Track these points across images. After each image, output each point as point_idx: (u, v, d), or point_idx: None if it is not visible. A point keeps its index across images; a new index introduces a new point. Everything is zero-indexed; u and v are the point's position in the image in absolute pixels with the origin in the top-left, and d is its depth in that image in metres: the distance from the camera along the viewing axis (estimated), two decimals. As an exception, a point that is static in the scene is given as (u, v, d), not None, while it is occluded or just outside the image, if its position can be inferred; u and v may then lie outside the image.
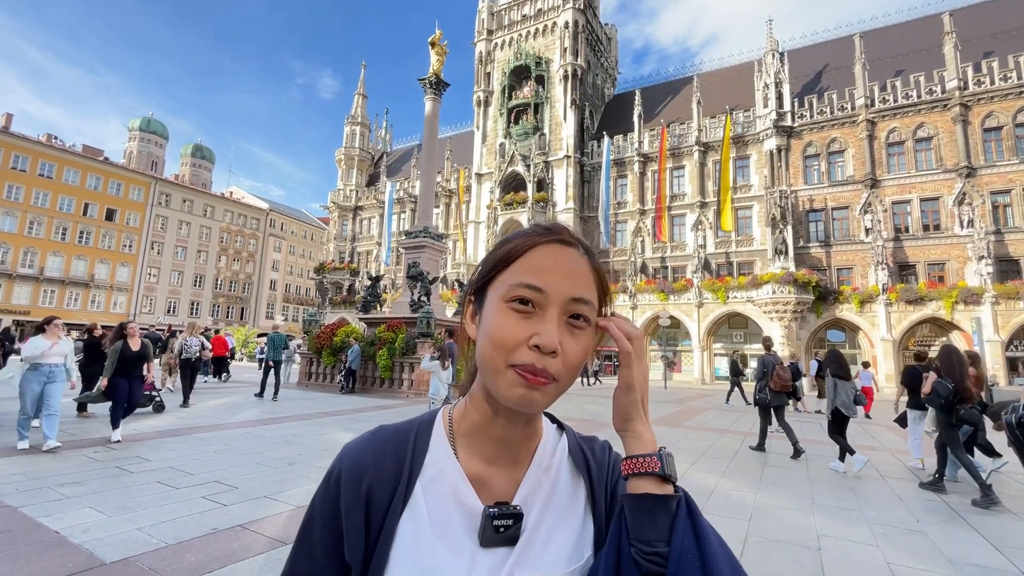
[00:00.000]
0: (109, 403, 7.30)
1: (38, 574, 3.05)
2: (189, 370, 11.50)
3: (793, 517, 4.92)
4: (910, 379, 7.99)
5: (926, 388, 6.56)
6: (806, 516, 4.97)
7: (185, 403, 10.94)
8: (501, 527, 0.61)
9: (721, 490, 5.84)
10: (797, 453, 8.05)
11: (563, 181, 37.28)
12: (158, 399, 10.04)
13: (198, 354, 11.81)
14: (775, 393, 8.57)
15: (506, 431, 0.65)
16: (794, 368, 9.83)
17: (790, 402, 9.33)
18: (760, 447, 8.55)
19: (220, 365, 18.49)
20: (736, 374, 17.72)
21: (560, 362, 0.59)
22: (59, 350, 6.65)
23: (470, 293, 0.69)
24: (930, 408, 6.80)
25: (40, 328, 6.79)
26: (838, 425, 7.48)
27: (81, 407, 8.99)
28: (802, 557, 3.89)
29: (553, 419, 0.76)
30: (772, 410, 8.68)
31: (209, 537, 3.75)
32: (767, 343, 9.85)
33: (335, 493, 0.64)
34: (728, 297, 30.16)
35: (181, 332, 13.44)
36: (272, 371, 13.41)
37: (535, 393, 0.59)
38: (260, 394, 13.35)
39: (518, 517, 0.62)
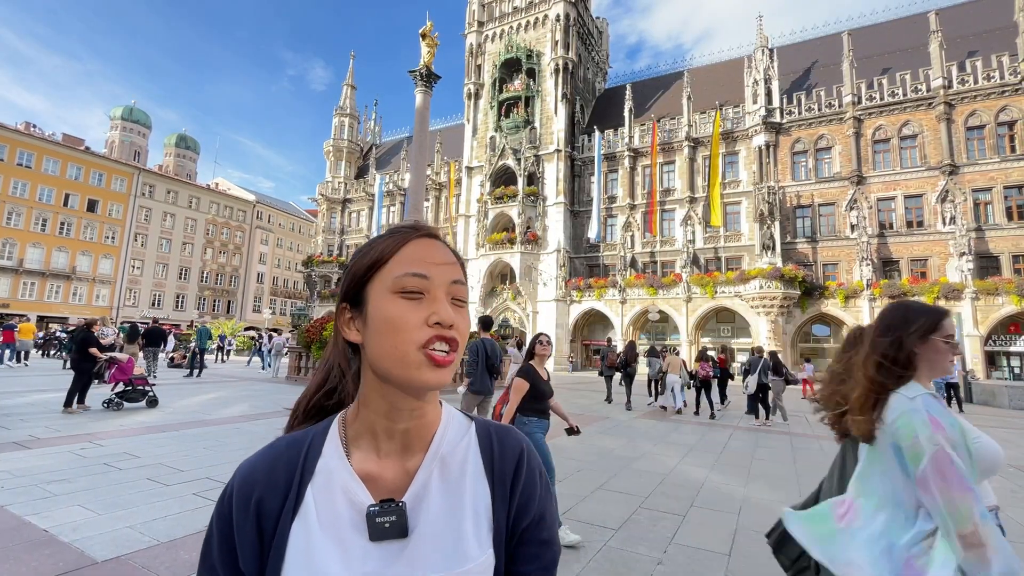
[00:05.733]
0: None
1: (28, 573, 3.01)
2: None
3: (781, 510, 5.00)
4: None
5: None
6: (793, 509, 5.06)
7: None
8: (386, 523, 0.63)
9: (711, 483, 5.93)
10: (609, 397, 14.56)
11: (553, 175, 37.24)
12: (151, 394, 9.92)
13: (112, 340, 14.06)
14: (608, 367, 15.00)
15: (401, 423, 0.68)
16: (626, 351, 15.17)
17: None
18: (610, 400, 14.37)
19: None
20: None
21: (456, 334, 0.66)
22: None
23: (343, 300, 0.71)
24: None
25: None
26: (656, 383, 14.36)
27: (67, 402, 8.84)
28: (790, 549, 3.97)
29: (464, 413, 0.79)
30: (610, 378, 14.97)
31: (202, 534, 3.72)
32: (608, 340, 17.98)
33: (228, 510, 0.66)
34: (716, 292, 30.47)
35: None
36: (199, 355, 17.61)
37: (444, 371, 0.64)
38: (190, 374, 17.29)
39: (400, 512, 0.64)
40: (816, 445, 8.91)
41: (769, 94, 32.15)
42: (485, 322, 7.13)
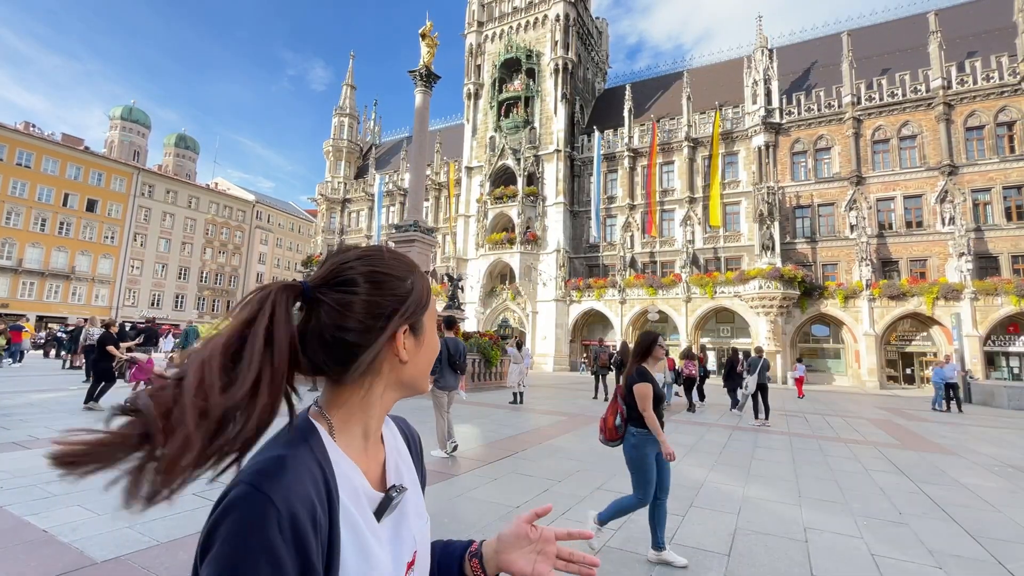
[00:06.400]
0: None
1: (28, 574, 3.01)
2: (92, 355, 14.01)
3: (780, 510, 5.02)
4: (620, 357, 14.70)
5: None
6: (792, 509, 5.08)
7: (88, 380, 12.94)
8: (395, 503, 0.77)
9: (710, 483, 5.94)
10: (595, 395, 15.38)
11: (553, 175, 37.25)
12: None
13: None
14: (600, 367, 15.76)
15: (381, 422, 0.83)
16: (620, 351, 15.27)
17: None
18: (602, 399, 14.72)
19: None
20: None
21: None
22: None
23: (404, 323, 0.78)
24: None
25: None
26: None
27: (88, 399, 9.01)
28: (790, 550, 3.98)
29: None
30: (601, 376, 15.68)
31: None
32: (600, 341, 20.35)
33: (291, 538, 0.59)
34: (715, 292, 30.47)
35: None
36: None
37: None
38: None
39: (404, 491, 0.79)
40: (815, 445, 8.91)
41: (769, 94, 32.17)
42: (448, 321, 7.43)
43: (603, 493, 5.33)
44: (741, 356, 13.59)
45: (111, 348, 9.37)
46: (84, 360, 14.61)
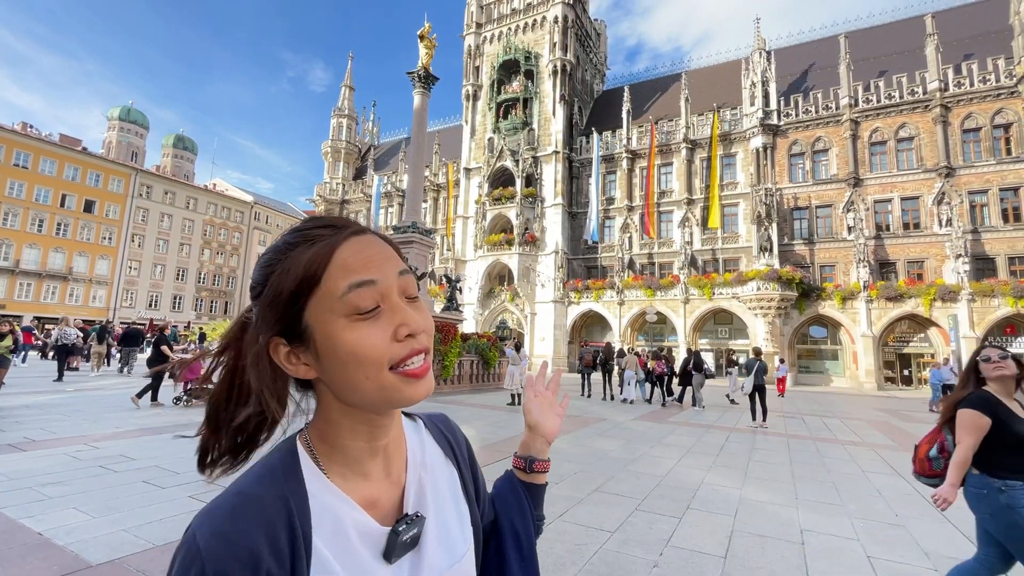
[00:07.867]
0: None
1: (22, 577, 3.00)
2: (65, 353, 14.66)
3: (777, 512, 5.02)
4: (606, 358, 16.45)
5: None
6: (790, 511, 5.08)
7: (59, 379, 13.70)
8: (408, 539, 0.60)
9: (708, 485, 5.94)
10: (583, 392, 16.42)
11: (551, 177, 37.28)
12: None
13: (74, 340, 15.15)
14: (584, 367, 16.68)
15: (383, 439, 0.64)
16: (604, 351, 16.91)
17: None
18: (586, 396, 15.97)
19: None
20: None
21: (426, 340, 0.61)
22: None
23: (274, 334, 0.59)
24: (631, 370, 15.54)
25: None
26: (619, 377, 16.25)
27: (140, 394, 9.59)
28: (786, 552, 3.98)
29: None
30: (586, 375, 16.63)
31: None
32: (583, 343, 21.91)
33: None
34: (714, 293, 30.51)
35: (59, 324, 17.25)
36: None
37: (425, 380, 0.60)
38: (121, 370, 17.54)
39: (421, 522, 0.63)
40: (812, 447, 8.92)
41: (766, 96, 32.24)
42: None
43: (601, 495, 5.33)
44: (692, 357, 14.57)
45: (164, 348, 10.33)
46: (58, 360, 14.55)
